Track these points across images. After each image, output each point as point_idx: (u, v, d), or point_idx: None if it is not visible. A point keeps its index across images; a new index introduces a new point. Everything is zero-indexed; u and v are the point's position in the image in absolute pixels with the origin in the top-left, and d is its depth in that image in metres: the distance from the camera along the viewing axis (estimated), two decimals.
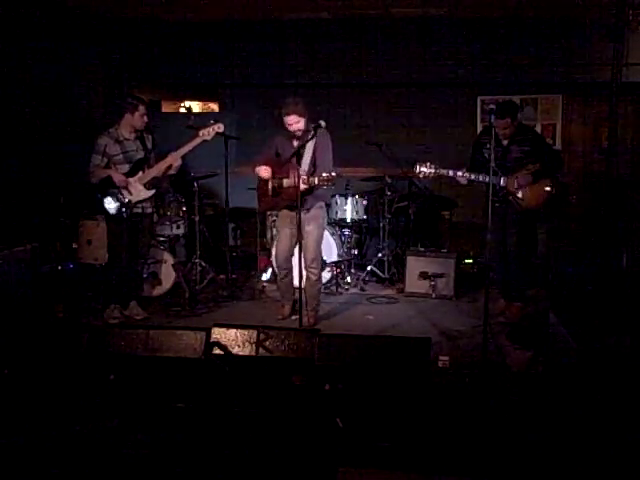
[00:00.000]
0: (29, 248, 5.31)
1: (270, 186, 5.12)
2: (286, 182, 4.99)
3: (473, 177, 5.13)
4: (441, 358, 4.17)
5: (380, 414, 3.25)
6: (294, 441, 3.09)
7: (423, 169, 5.13)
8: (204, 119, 5.35)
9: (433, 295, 6.16)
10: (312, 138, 4.85)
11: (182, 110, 9.24)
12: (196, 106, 9.74)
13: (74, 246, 6.14)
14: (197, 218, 6.32)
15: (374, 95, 7.78)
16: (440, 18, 7.16)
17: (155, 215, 6.17)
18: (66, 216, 6.21)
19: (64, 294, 5.66)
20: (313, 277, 5.23)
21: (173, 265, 5.92)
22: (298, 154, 4.83)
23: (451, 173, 5.15)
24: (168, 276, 5.97)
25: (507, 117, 5.14)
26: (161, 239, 6.18)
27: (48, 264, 5.86)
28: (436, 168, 5.12)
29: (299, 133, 4.99)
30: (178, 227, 6.35)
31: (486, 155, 5.11)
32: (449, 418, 3.35)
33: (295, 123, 4.93)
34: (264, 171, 5.09)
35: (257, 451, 3.02)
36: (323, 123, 4.73)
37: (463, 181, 5.19)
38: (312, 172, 4.96)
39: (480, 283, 6.12)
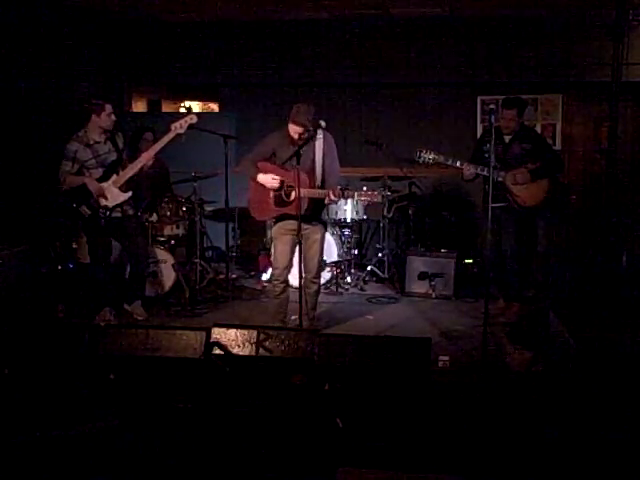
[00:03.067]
0: (29, 248, 5.31)
1: (274, 195, 4.69)
2: (301, 192, 4.41)
3: (472, 168, 5.14)
4: (441, 358, 4.18)
5: (380, 414, 3.25)
6: (294, 441, 3.09)
7: (424, 155, 5.14)
8: (204, 119, 5.33)
9: (433, 295, 6.16)
10: (310, 139, 4.55)
11: (182, 110, 9.23)
12: (196, 106, 9.72)
13: (74, 246, 6.13)
14: (197, 218, 6.32)
15: (374, 95, 7.78)
16: (440, 18, 7.16)
17: (155, 215, 6.18)
18: (66, 216, 6.21)
19: (64, 294, 5.66)
20: (315, 287, 4.94)
21: (173, 265, 5.92)
22: (298, 156, 4.38)
23: (450, 161, 5.16)
24: (168, 276, 5.97)
25: (514, 108, 5.16)
26: (161, 239, 6.18)
27: (48, 264, 5.86)
28: (437, 154, 5.13)
29: (297, 137, 4.64)
30: (178, 227, 6.34)
31: (486, 154, 5.11)
32: (449, 418, 3.35)
33: (301, 133, 4.56)
34: (273, 180, 4.62)
35: (257, 451, 3.02)
36: (323, 123, 4.51)
37: (467, 174, 5.17)
38: (322, 180, 4.68)
39: (480, 283, 6.13)
